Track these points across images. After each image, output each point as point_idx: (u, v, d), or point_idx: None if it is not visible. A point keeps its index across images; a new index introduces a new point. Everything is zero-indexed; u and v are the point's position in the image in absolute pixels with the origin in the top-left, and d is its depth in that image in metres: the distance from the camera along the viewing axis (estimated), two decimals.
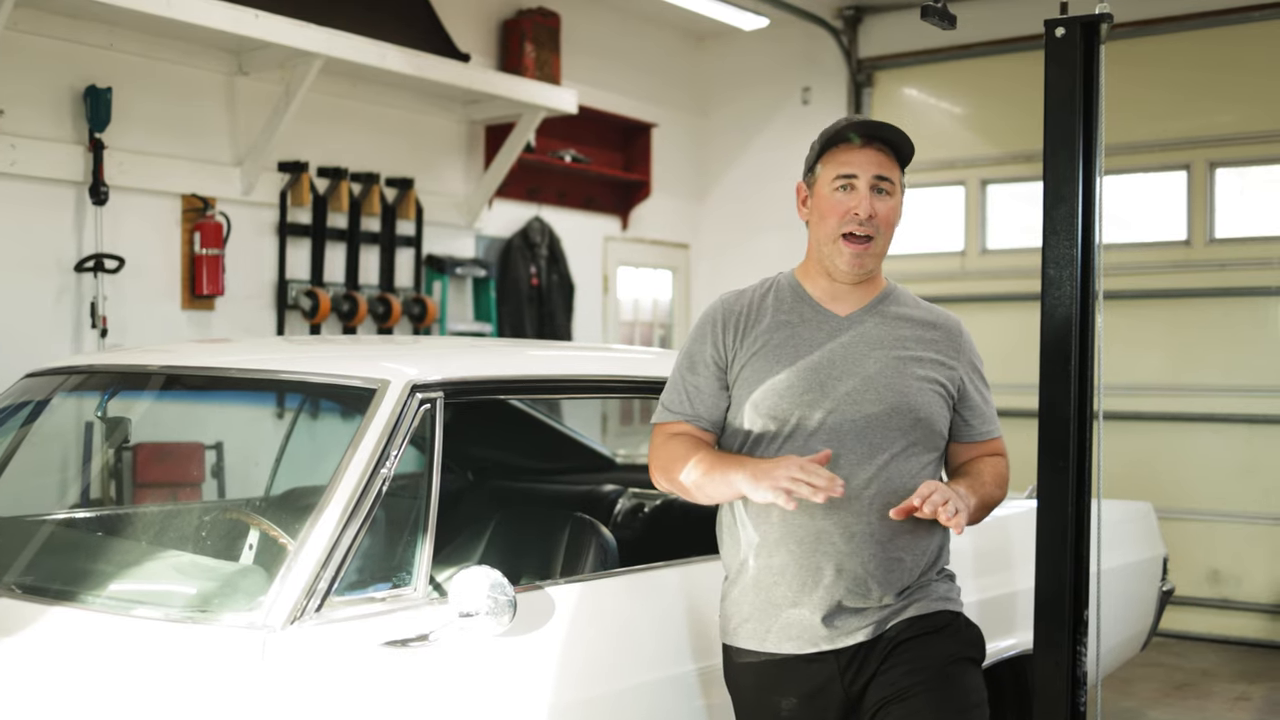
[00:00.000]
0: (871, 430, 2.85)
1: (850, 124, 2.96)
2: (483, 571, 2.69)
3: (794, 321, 2.96)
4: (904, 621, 2.87)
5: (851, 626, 2.86)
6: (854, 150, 2.93)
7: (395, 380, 2.97)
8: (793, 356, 2.91)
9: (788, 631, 2.88)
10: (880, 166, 2.93)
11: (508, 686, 2.85)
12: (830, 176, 2.94)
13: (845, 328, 2.95)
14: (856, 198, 2.90)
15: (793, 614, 2.87)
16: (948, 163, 8.75)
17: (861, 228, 2.90)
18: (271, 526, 3.02)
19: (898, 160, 2.97)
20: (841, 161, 2.93)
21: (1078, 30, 3.71)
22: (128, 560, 3.13)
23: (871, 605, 2.86)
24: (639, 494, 4.63)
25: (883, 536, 2.84)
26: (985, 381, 3.12)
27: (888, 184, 2.94)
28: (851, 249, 2.91)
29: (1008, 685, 4.28)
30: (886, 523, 2.83)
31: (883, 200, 2.93)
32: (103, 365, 3.73)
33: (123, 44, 6.09)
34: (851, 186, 2.91)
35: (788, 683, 2.89)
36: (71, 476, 4.17)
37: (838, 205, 2.91)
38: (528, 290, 8.06)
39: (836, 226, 2.91)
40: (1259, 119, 7.72)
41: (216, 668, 2.52)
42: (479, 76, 7.30)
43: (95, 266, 5.90)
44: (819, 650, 2.87)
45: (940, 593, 2.95)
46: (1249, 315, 7.77)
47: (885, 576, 2.85)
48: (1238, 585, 7.79)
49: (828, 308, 2.98)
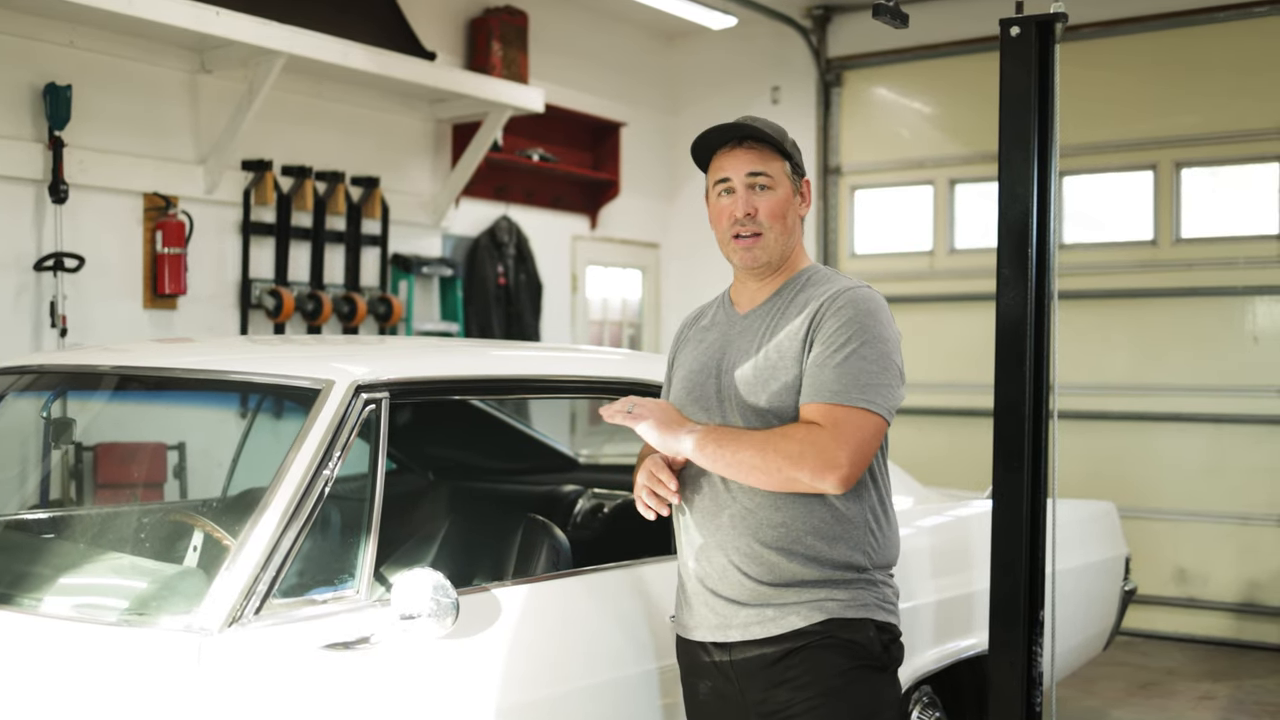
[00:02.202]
0: (737, 425, 2.88)
1: (709, 130, 3.01)
2: (425, 574, 2.67)
3: (707, 327, 3.10)
4: (787, 631, 2.82)
5: (732, 620, 2.86)
6: (725, 154, 3.00)
7: (340, 380, 2.94)
8: (690, 363, 3.05)
9: (694, 619, 2.95)
10: (752, 163, 2.96)
11: (451, 689, 2.83)
12: (712, 183, 3.03)
13: (737, 325, 3.01)
14: (734, 199, 2.96)
15: (695, 602, 2.94)
16: (916, 162, 8.76)
17: (744, 227, 2.95)
18: (215, 528, 2.99)
19: (777, 152, 2.98)
20: (717, 167, 3.01)
21: (1033, 29, 3.72)
22: (69, 563, 3.09)
23: (747, 600, 2.84)
24: (599, 494, 4.61)
25: (745, 529, 2.84)
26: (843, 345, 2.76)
27: (765, 178, 2.96)
28: (741, 245, 2.97)
29: (966, 686, 4.27)
30: (748, 517, 2.84)
31: (763, 196, 2.96)
32: (53, 365, 3.69)
33: (83, 41, 6.04)
34: (730, 189, 2.97)
35: (701, 670, 2.98)
36: (19, 478, 4.13)
37: (722, 210, 2.99)
38: (495, 290, 8.03)
39: (726, 229, 2.99)
40: (1224, 119, 7.74)
41: (151, 672, 2.49)
42: (445, 75, 7.27)
43: (55, 265, 5.84)
44: (714, 641, 2.91)
45: (840, 598, 2.83)
46: (1215, 315, 7.79)
47: (753, 569, 2.83)
48: (1204, 584, 7.81)
49: (735, 308, 3.06)
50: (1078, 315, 7.94)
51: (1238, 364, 7.70)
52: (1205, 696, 6.61)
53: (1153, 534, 7.74)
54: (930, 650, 4.04)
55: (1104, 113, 7.96)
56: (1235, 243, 7.77)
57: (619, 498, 4.51)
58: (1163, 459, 7.90)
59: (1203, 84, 7.80)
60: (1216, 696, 6.61)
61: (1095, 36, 7.88)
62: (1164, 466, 7.89)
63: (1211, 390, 7.76)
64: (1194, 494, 7.82)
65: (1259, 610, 7.66)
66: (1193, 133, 7.83)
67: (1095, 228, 8.25)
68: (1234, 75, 7.70)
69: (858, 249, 9.08)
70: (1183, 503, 7.84)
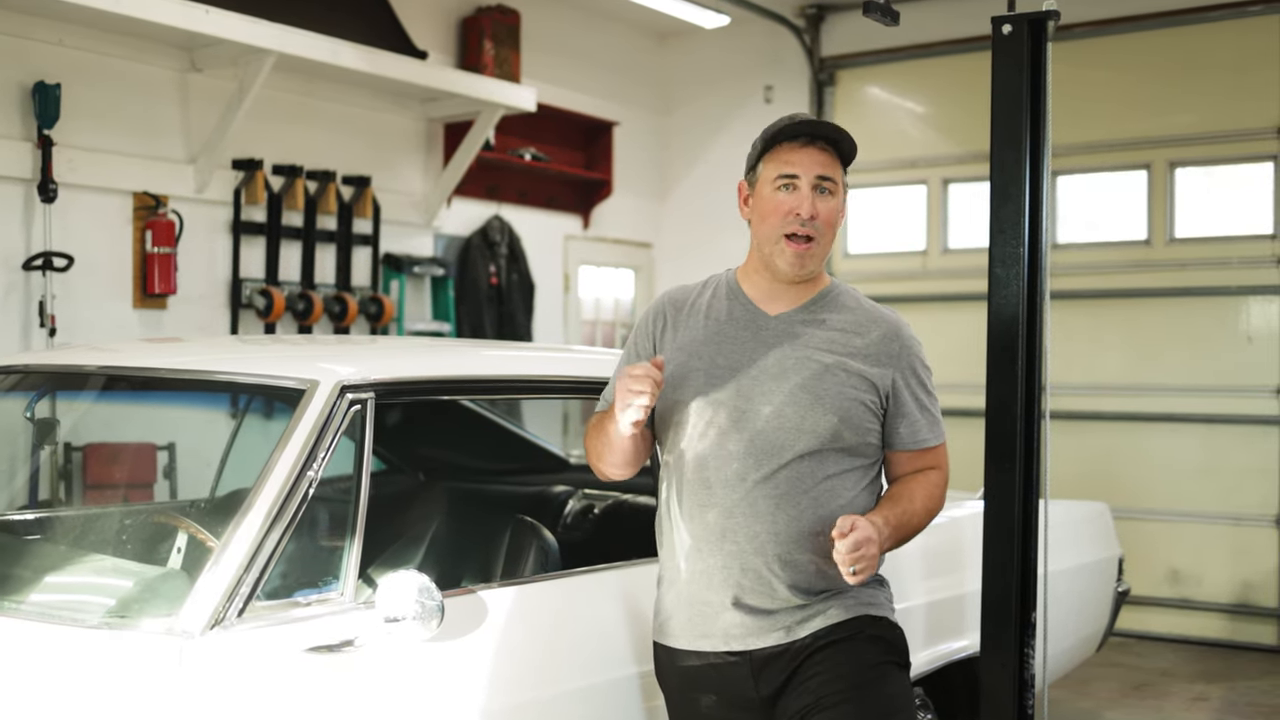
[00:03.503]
0: (781, 431, 2.81)
1: (793, 122, 2.91)
2: (410, 576, 2.64)
3: (722, 319, 2.95)
4: (820, 628, 2.82)
5: (760, 628, 2.82)
6: (796, 150, 2.89)
7: (325, 380, 2.91)
8: (713, 354, 2.90)
9: (702, 629, 2.86)
10: (823, 166, 2.89)
11: (436, 693, 2.80)
12: (772, 176, 2.90)
13: (771, 327, 2.91)
14: (798, 198, 2.86)
15: (706, 612, 2.86)
16: (909, 162, 8.73)
17: (803, 228, 2.86)
18: (199, 529, 2.96)
19: (840, 159, 2.93)
20: (784, 161, 2.89)
21: (1025, 27, 3.69)
22: (52, 565, 3.06)
23: (779, 607, 2.82)
24: (590, 495, 4.59)
25: (786, 537, 2.80)
26: (927, 387, 2.98)
27: (830, 183, 2.89)
28: (793, 249, 2.87)
29: (959, 687, 4.25)
30: (791, 524, 2.80)
31: (825, 200, 2.88)
32: (38, 365, 3.66)
33: (72, 39, 6.01)
34: (794, 186, 2.87)
35: (705, 681, 2.89)
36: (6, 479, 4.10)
37: (780, 205, 2.88)
38: (487, 289, 8.00)
39: (778, 226, 2.88)
40: (1219, 119, 7.72)
41: (132, 676, 2.46)
42: (436, 74, 7.24)
43: (44, 265, 5.82)
44: (731, 650, 2.84)
45: (864, 598, 2.88)
46: (1209, 315, 7.77)
47: (790, 578, 2.81)
48: (1197, 585, 7.80)
49: (760, 306, 2.95)
50: (1072, 315, 7.92)
51: (1232, 364, 7.68)
52: (1199, 698, 6.59)
53: (1146, 535, 7.72)
54: (922, 652, 4.02)
55: (1098, 112, 7.93)
56: (1229, 243, 7.76)
57: (610, 498, 4.49)
58: (1156, 459, 7.88)
59: (1197, 83, 7.78)
60: (1210, 698, 6.59)
61: (1089, 36, 7.85)
62: (1158, 467, 7.87)
63: (1205, 390, 7.74)
64: (1188, 494, 7.80)
65: (1252, 611, 7.64)
66: (1187, 132, 7.82)
67: (1089, 228, 8.22)
68: (1228, 75, 7.68)
69: (851, 249, 9.06)
70: (1176, 503, 7.82)
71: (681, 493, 2.89)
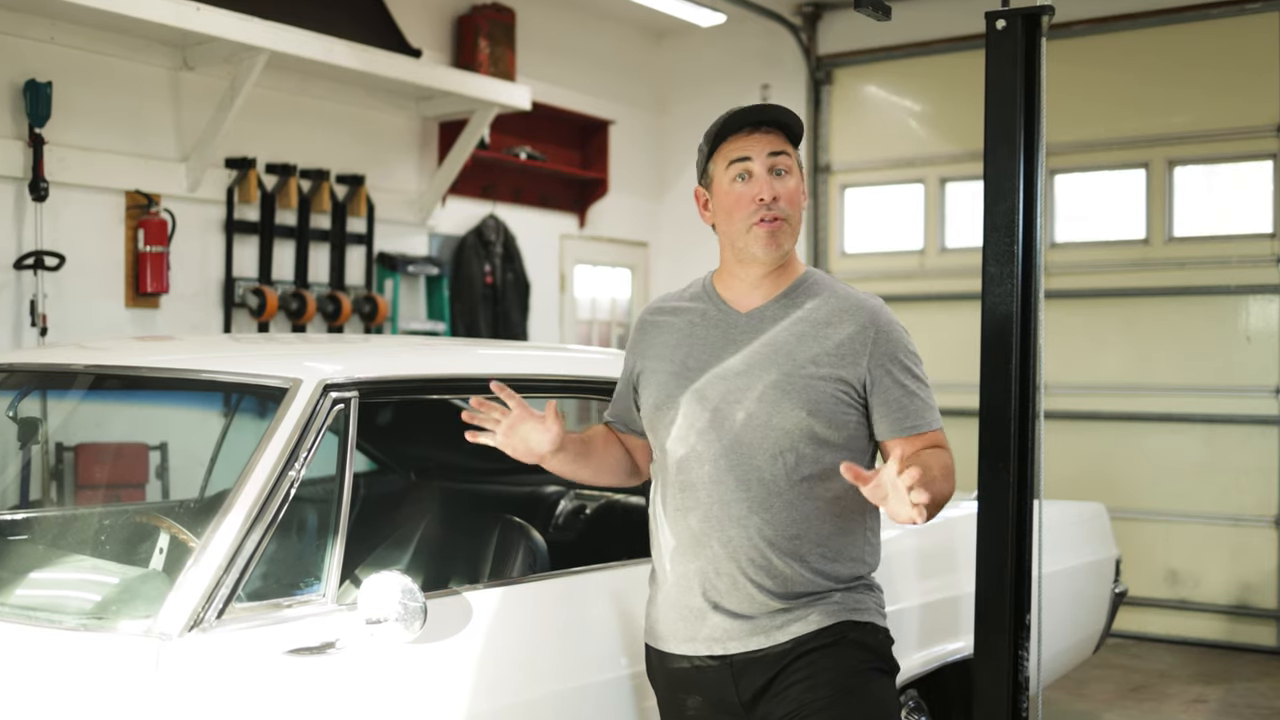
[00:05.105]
0: (752, 429, 2.77)
1: (732, 115, 2.88)
2: (392, 577, 2.61)
3: (696, 321, 2.92)
4: (801, 634, 2.77)
5: (740, 632, 2.78)
6: (742, 138, 2.85)
7: (308, 379, 2.88)
8: (685, 356, 2.88)
9: (688, 632, 2.83)
10: (773, 144, 2.85)
11: (418, 695, 2.77)
12: (724, 168, 2.85)
13: (741, 325, 2.87)
14: (757, 184, 2.82)
15: (690, 616, 2.83)
16: (907, 161, 8.70)
17: (769, 211, 2.81)
18: (181, 530, 2.93)
19: (789, 140, 2.89)
20: (734, 148, 2.85)
21: (1019, 23, 3.66)
22: (29, 565, 3.03)
23: (757, 612, 2.78)
24: (582, 495, 4.56)
25: (761, 540, 2.76)
26: (913, 371, 2.86)
27: (784, 160, 2.85)
28: (766, 229, 2.81)
29: (953, 690, 4.22)
30: (765, 527, 2.76)
31: (782, 181, 2.84)
32: (24, 364, 3.63)
33: (64, 37, 5.97)
34: (749, 173, 2.82)
35: (690, 683, 2.86)
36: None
37: (740, 197, 2.83)
38: (482, 289, 7.97)
39: (745, 218, 2.82)
40: (1217, 117, 7.69)
41: (109, 678, 2.43)
42: (430, 72, 7.21)
43: (35, 264, 5.78)
44: (713, 654, 2.81)
45: (849, 603, 2.82)
46: (1207, 314, 7.73)
47: (766, 582, 2.77)
48: (1195, 586, 7.76)
49: (732, 306, 2.90)
50: (1069, 314, 7.89)
51: (1230, 364, 7.64)
52: (1197, 699, 6.55)
53: (1144, 535, 7.68)
54: (916, 654, 3.99)
55: (1096, 111, 7.90)
56: (1228, 241, 7.72)
57: (602, 499, 4.46)
58: (1155, 459, 7.85)
59: (1196, 81, 7.75)
60: (1208, 699, 6.56)
61: (1087, 34, 7.83)
62: (1156, 467, 7.84)
63: (1204, 390, 7.70)
64: (1185, 495, 7.76)
65: (1251, 612, 7.60)
66: (1185, 130, 7.78)
67: (1087, 226, 8.19)
68: (1227, 72, 7.65)
69: (848, 248, 9.02)
70: (1174, 504, 7.78)
71: (666, 496, 2.88)
